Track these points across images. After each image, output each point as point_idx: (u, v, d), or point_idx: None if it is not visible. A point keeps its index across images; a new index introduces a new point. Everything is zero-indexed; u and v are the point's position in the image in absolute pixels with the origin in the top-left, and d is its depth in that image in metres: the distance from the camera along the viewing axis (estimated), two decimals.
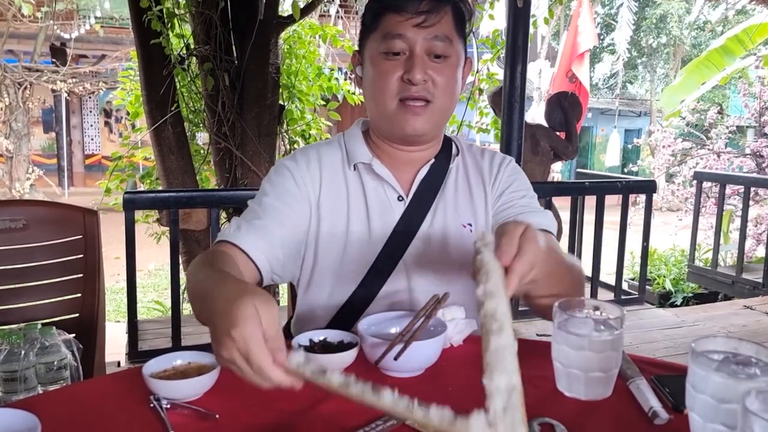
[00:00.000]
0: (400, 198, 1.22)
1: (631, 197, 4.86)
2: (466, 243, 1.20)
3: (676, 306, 5.38)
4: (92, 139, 14.86)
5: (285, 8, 4.34)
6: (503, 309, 0.70)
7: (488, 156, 1.30)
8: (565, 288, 1.03)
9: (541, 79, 11.46)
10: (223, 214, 3.90)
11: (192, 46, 3.80)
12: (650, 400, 0.84)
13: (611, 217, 4.01)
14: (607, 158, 14.21)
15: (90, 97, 13.69)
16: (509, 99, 3.39)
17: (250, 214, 1.17)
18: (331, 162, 1.24)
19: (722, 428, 0.68)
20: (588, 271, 4.18)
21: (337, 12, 8.55)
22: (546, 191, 3.75)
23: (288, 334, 1.35)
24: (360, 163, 1.22)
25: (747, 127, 9.32)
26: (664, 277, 6.00)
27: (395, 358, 0.90)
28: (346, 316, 1.19)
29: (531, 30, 3.51)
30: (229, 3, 3.59)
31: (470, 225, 1.23)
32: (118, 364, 3.14)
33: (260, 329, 0.73)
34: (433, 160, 1.24)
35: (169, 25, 3.71)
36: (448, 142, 1.30)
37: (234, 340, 0.73)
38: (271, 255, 1.13)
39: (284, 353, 0.74)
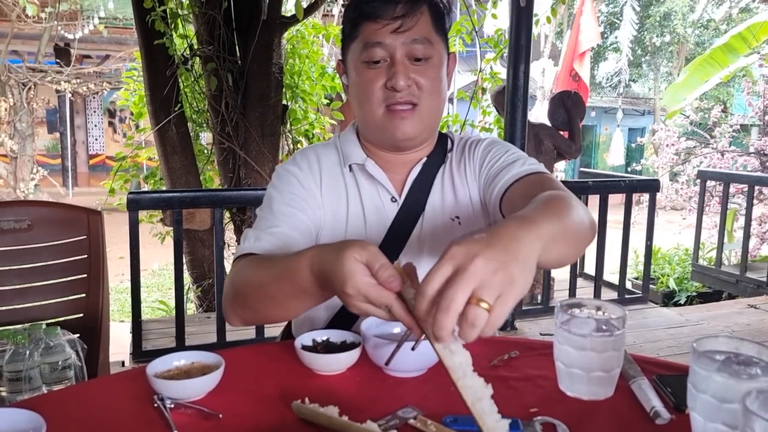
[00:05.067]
0: (393, 199, 1.22)
1: (635, 196, 4.87)
2: (456, 236, 1.19)
3: (680, 305, 5.38)
4: (96, 140, 14.91)
5: (288, 8, 4.35)
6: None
7: (468, 143, 1.29)
8: (574, 246, 0.92)
9: (545, 78, 11.43)
10: (227, 214, 3.92)
11: (195, 47, 3.82)
12: (652, 400, 0.85)
13: (615, 216, 4.00)
14: (611, 157, 14.16)
15: (94, 98, 13.73)
16: (512, 98, 3.39)
17: (265, 223, 1.15)
18: (329, 163, 1.24)
19: (723, 428, 0.68)
20: (591, 270, 4.18)
21: (340, 11, 8.55)
22: None
23: (289, 334, 1.35)
24: (354, 164, 1.23)
25: (751, 125, 9.30)
26: (668, 276, 5.99)
27: (413, 348, 0.91)
28: (346, 316, 1.19)
29: (534, 29, 3.51)
30: (232, 3, 3.60)
31: (457, 218, 1.23)
32: (123, 363, 3.16)
33: (366, 273, 0.78)
34: (425, 159, 1.24)
35: (173, 26, 3.73)
36: (443, 139, 1.29)
37: (351, 296, 0.78)
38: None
39: (397, 280, 0.77)
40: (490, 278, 0.67)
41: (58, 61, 10.82)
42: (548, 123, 4.27)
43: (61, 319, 1.78)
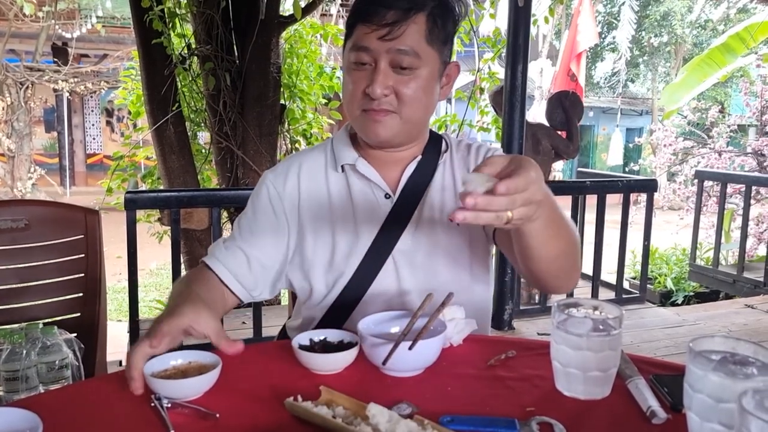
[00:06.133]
0: (387, 196, 1.23)
1: (633, 196, 4.87)
2: (453, 236, 1.21)
3: (677, 305, 5.38)
4: (94, 139, 14.89)
5: (286, 8, 4.35)
6: None
7: (474, 148, 1.29)
8: (563, 249, 0.99)
9: (543, 78, 11.45)
10: (225, 214, 3.91)
11: (193, 46, 3.81)
12: (648, 400, 0.85)
13: (612, 216, 4.01)
14: (609, 157, 14.20)
15: (92, 97, 13.72)
16: (510, 98, 3.39)
17: (230, 236, 1.25)
18: (312, 168, 1.26)
19: (720, 427, 0.68)
20: (589, 269, 4.19)
21: (339, 11, 8.55)
22: None
23: (284, 335, 1.36)
24: (346, 164, 1.24)
25: (748, 125, 9.32)
26: (666, 276, 6.00)
27: (410, 348, 0.91)
28: (337, 315, 1.20)
29: (532, 29, 3.51)
30: (230, 2, 3.60)
31: None
32: (120, 363, 3.15)
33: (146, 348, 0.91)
34: (420, 156, 1.25)
35: (171, 25, 3.72)
36: (438, 138, 1.29)
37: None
38: (246, 278, 1.21)
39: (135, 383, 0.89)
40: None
41: (55, 60, 10.82)
42: (546, 123, 4.27)
43: (58, 318, 1.78)
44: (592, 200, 4.01)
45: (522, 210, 0.79)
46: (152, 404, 0.85)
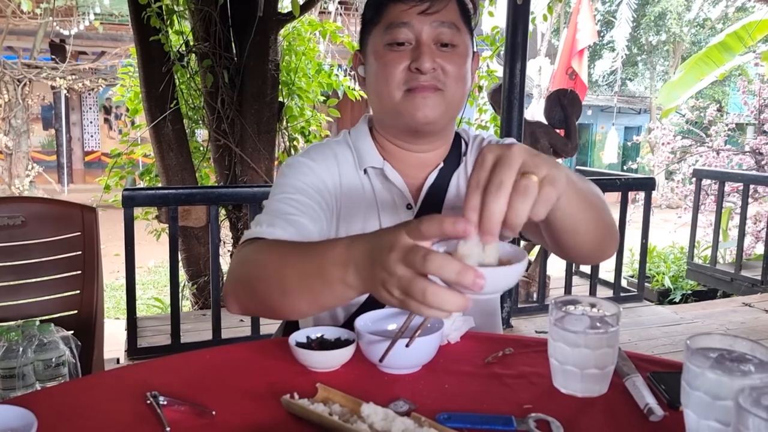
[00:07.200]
0: (409, 206, 1.19)
1: (631, 195, 4.88)
2: None
3: (675, 303, 5.39)
4: (92, 136, 14.88)
5: (284, 5, 4.34)
6: None
7: (486, 143, 1.25)
8: (595, 213, 0.92)
9: (541, 76, 11.44)
10: (223, 211, 3.91)
11: (191, 43, 3.81)
12: (646, 397, 0.85)
13: None
14: (606, 155, 14.20)
15: (89, 94, 13.70)
16: (509, 96, 3.39)
17: (278, 210, 1.07)
18: (347, 164, 1.19)
19: (717, 425, 0.68)
20: (587, 268, 4.20)
21: (337, 9, 8.55)
22: None
23: (291, 330, 1.35)
24: (371, 167, 1.19)
25: (746, 124, 9.34)
26: (663, 274, 6.01)
27: (407, 345, 0.91)
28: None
29: (530, 27, 3.51)
30: (228, 0, 3.59)
31: None
32: (117, 361, 3.15)
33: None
34: (442, 164, 1.20)
35: (169, 22, 3.72)
36: (458, 140, 1.25)
37: (395, 258, 0.67)
38: None
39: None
40: (532, 159, 0.68)
41: (53, 57, 10.79)
42: (544, 121, 4.27)
43: (55, 315, 1.77)
44: None
45: (541, 169, 0.67)
46: (148, 401, 0.84)
